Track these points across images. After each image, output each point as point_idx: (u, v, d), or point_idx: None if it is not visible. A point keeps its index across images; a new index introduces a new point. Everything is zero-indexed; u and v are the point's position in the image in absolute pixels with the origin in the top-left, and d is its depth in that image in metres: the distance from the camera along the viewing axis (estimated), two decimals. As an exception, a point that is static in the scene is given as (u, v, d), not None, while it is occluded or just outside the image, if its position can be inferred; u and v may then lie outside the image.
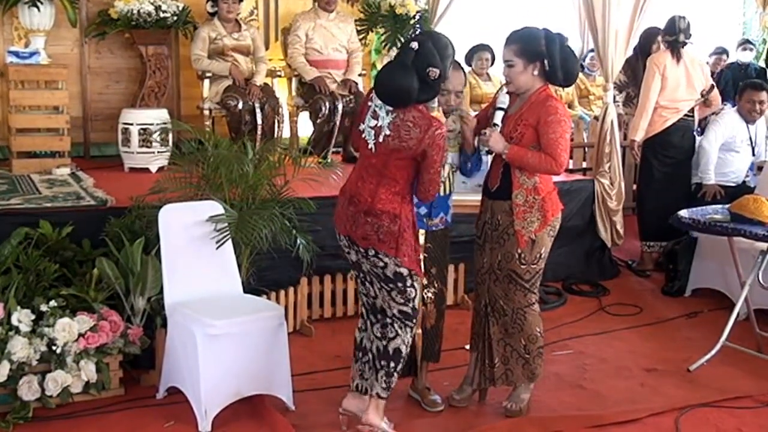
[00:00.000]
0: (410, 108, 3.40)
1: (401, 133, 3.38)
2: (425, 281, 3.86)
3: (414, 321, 3.59)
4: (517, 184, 3.76)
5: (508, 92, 3.79)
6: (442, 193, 3.80)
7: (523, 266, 3.79)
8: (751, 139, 6.14)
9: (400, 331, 3.56)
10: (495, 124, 3.75)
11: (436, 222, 3.88)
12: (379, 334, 3.59)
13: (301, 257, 4.41)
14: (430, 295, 3.93)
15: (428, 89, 3.39)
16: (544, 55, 3.68)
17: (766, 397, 4.12)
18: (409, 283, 3.51)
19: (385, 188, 3.44)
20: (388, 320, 3.57)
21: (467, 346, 4.23)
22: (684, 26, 6.03)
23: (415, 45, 3.37)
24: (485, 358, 3.95)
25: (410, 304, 3.55)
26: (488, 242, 3.86)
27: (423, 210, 3.77)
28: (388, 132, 3.40)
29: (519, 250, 3.76)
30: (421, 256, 3.71)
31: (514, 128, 3.75)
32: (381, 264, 3.48)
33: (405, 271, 3.48)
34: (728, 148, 6.10)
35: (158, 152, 5.98)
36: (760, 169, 6.14)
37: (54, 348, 3.81)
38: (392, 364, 3.56)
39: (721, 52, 9.26)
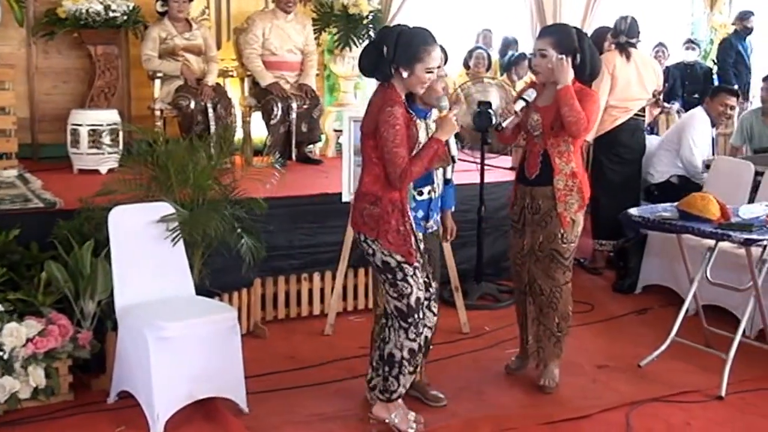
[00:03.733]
0: (379, 90, 3.50)
1: (366, 114, 3.52)
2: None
3: (409, 321, 3.51)
4: (557, 170, 4.03)
5: (533, 84, 4.05)
6: (435, 196, 3.84)
7: (564, 245, 4.08)
8: (713, 139, 6.27)
9: (392, 335, 3.54)
10: (524, 99, 4.02)
11: (431, 224, 3.91)
12: (382, 337, 3.62)
13: (243, 257, 4.37)
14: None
15: (383, 65, 3.43)
16: (577, 49, 3.94)
17: (714, 391, 4.19)
18: (400, 276, 3.47)
19: (367, 171, 3.52)
20: (386, 320, 3.59)
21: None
22: (624, 27, 6.08)
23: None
24: (523, 335, 4.33)
25: (404, 300, 3.50)
26: (528, 225, 4.14)
27: (420, 213, 3.80)
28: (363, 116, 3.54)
29: (562, 231, 4.06)
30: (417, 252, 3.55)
31: (555, 119, 3.96)
32: (370, 251, 3.50)
33: (393, 262, 3.46)
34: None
35: (108, 153, 5.88)
36: (708, 167, 6.24)
37: (1, 353, 3.73)
38: (386, 369, 3.57)
39: (659, 45, 9.42)
